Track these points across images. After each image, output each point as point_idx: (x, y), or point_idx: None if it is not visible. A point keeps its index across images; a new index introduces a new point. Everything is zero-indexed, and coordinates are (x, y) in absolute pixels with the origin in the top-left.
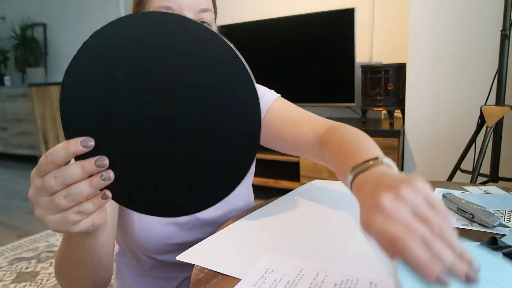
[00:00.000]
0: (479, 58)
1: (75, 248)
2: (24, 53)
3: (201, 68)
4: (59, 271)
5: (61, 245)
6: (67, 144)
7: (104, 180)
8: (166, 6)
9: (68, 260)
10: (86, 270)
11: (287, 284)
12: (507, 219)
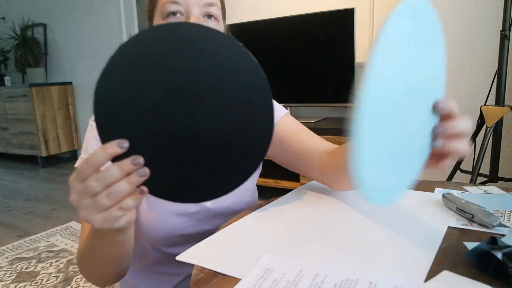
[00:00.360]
0: (479, 58)
1: (105, 244)
2: (24, 53)
3: (226, 78)
4: (83, 263)
5: (86, 240)
6: (105, 147)
7: (141, 177)
8: (173, 0)
9: (95, 254)
10: (113, 263)
11: (287, 284)
12: (506, 219)
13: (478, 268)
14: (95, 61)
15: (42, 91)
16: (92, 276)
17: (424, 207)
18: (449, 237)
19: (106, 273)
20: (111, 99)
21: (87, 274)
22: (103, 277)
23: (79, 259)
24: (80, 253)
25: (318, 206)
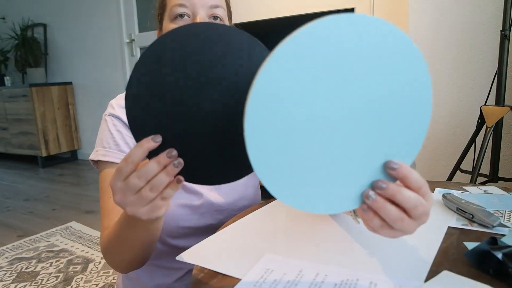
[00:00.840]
0: (479, 58)
1: (140, 233)
2: (25, 53)
3: (242, 68)
4: (111, 252)
5: (115, 231)
6: (141, 144)
7: (177, 167)
8: (180, 3)
9: (128, 243)
10: (144, 249)
11: (287, 284)
12: (506, 219)
13: (478, 268)
14: (95, 61)
15: (42, 91)
16: (122, 262)
17: None
18: (449, 237)
19: (136, 258)
20: (140, 99)
21: (116, 260)
22: (132, 261)
23: (107, 249)
24: (107, 243)
25: None
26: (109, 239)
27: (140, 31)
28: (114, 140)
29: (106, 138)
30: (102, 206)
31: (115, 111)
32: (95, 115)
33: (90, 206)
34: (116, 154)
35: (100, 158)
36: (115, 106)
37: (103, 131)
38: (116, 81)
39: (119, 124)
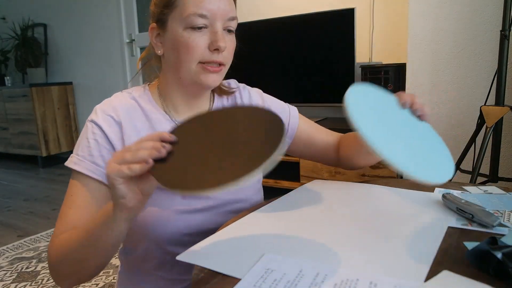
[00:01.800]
0: (479, 58)
1: (108, 233)
2: (25, 53)
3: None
4: (67, 257)
5: (83, 234)
6: (163, 136)
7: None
8: (201, 14)
9: (93, 245)
10: (103, 254)
11: (287, 284)
12: (506, 219)
13: (478, 268)
14: (95, 61)
15: (42, 91)
16: (75, 271)
17: (424, 207)
18: (449, 237)
19: (96, 265)
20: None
21: (71, 268)
22: (89, 270)
23: (63, 255)
24: (66, 249)
25: (318, 206)
26: (70, 245)
27: (140, 31)
28: (89, 150)
29: (82, 145)
30: (61, 213)
31: (97, 118)
32: None
33: None
34: (87, 165)
35: (71, 166)
36: (98, 112)
37: (82, 137)
38: (116, 81)
39: (99, 133)
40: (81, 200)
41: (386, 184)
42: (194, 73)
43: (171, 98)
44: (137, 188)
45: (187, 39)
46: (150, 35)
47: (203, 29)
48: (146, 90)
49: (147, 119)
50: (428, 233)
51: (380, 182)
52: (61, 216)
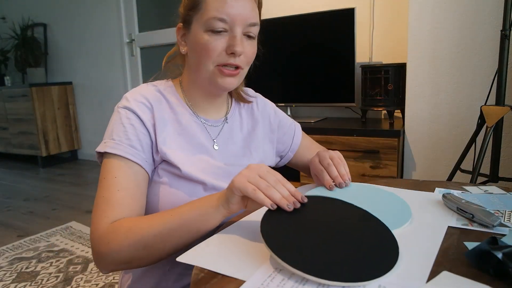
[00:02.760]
0: (479, 58)
1: (203, 223)
2: (25, 53)
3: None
4: (156, 241)
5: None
6: (296, 195)
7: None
8: (221, 18)
9: (186, 229)
10: (189, 241)
11: (294, 284)
12: (507, 219)
13: (478, 268)
14: (95, 61)
15: (42, 91)
16: (145, 254)
17: (424, 207)
18: (449, 237)
19: (172, 249)
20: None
21: (136, 254)
22: (161, 254)
23: (130, 240)
24: (138, 234)
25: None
26: (148, 230)
27: (140, 31)
28: (126, 134)
29: (117, 130)
30: (107, 196)
31: (130, 104)
32: (95, 115)
33: (90, 206)
34: (126, 149)
35: (109, 150)
36: (130, 99)
37: (115, 123)
38: (116, 81)
39: (133, 118)
40: (126, 182)
41: (386, 184)
42: (211, 75)
43: (192, 95)
44: (247, 202)
45: (206, 41)
46: (177, 34)
47: (223, 32)
48: (170, 84)
49: (172, 111)
50: (428, 233)
51: (380, 182)
52: (108, 200)
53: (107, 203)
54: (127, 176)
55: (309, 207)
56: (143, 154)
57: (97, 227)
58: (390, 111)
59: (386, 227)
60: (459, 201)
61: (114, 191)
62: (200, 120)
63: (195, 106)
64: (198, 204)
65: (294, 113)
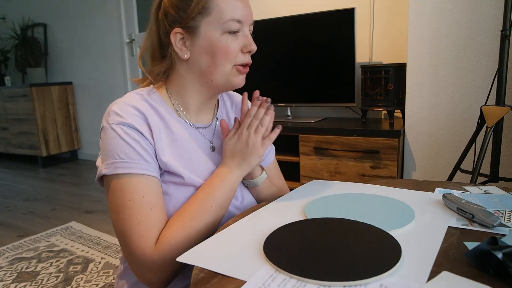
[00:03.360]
0: (479, 58)
1: (232, 193)
2: (25, 53)
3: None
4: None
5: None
6: (270, 112)
7: (270, 108)
8: (238, 19)
9: (217, 204)
10: (225, 209)
11: (296, 284)
12: (507, 219)
13: (478, 268)
14: (95, 61)
15: (42, 91)
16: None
17: (424, 207)
18: (449, 237)
19: (222, 218)
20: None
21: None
22: (217, 224)
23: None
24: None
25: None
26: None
27: (140, 31)
28: (134, 150)
29: (121, 149)
30: (141, 218)
31: (123, 119)
32: (95, 115)
33: (90, 206)
34: (140, 165)
35: (122, 171)
36: (122, 114)
37: (113, 142)
38: (116, 81)
39: (133, 133)
40: (155, 199)
41: (386, 184)
42: (228, 75)
43: (185, 100)
44: None
45: (225, 43)
46: (173, 40)
47: (236, 33)
48: (153, 91)
49: (161, 120)
50: (429, 233)
51: (380, 182)
52: (145, 222)
53: (145, 225)
54: (153, 192)
55: (312, 228)
56: (155, 165)
57: (145, 251)
58: (390, 111)
59: (388, 233)
60: (459, 201)
61: (147, 210)
62: (192, 126)
63: (186, 112)
64: (221, 183)
65: (294, 113)
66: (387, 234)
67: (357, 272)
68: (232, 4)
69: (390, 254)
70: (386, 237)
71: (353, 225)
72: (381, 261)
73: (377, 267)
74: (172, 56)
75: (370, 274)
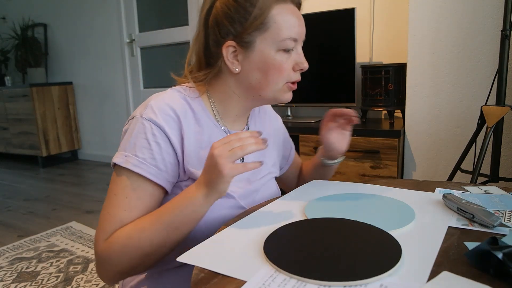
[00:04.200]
0: (479, 58)
1: (193, 218)
2: (25, 53)
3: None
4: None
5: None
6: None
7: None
8: (294, 38)
9: (179, 224)
10: (189, 230)
11: (296, 284)
12: (507, 219)
13: (478, 268)
14: (95, 61)
15: (42, 91)
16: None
17: (424, 207)
18: (449, 237)
19: (176, 241)
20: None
21: (131, 263)
22: (156, 256)
23: (124, 250)
24: (130, 244)
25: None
26: (138, 239)
27: (140, 31)
28: (151, 153)
29: (141, 146)
30: (113, 213)
31: (157, 118)
32: (95, 115)
33: (90, 206)
34: (150, 169)
35: (131, 167)
36: (157, 111)
37: (138, 136)
38: (116, 81)
39: (159, 135)
40: (138, 203)
41: (386, 184)
42: (278, 91)
43: (224, 108)
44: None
45: (279, 61)
46: (225, 53)
47: (290, 51)
48: (194, 91)
49: (197, 123)
50: (429, 233)
51: (380, 182)
52: (113, 217)
53: (109, 221)
54: (140, 198)
55: (312, 228)
56: (166, 174)
57: (98, 243)
58: (390, 111)
59: (388, 233)
60: (460, 201)
61: (119, 210)
62: (228, 133)
63: (224, 119)
64: (181, 203)
65: (294, 113)
66: (387, 234)
67: (357, 272)
68: (291, 22)
69: (390, 254)
70: (386, 237)
71: (353, 225)
72: (381, 261)
73: (377, 267)
74: (220, 66)
75: (370, 274)
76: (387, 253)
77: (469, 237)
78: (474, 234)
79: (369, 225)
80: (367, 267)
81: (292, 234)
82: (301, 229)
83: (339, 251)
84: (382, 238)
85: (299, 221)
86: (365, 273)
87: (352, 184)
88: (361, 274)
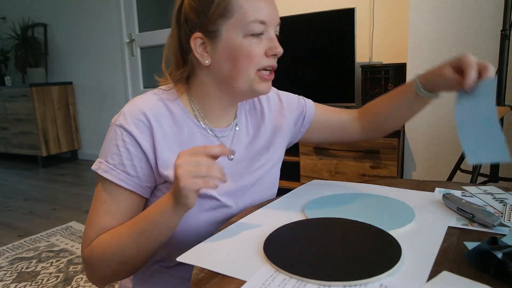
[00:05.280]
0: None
1: (163, 230)
2: (25, 53)
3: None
4: (114, 254)
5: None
6: (223, 151)
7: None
8: (261, 20)
9: (143, 240)
10: (152, 250)
11: (296, 284)
12: (506, 219)
13: (478, 268)
14: (95, 61)
15: (42, 91)
16: (119, 269)
17: (424, 207)
18: (449, 237)
19: (140, 260)
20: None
21: (112, 269)
22: (132, 264)
23: (104, 257)
24: (108, 251)
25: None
26: (116, 246)
27: (140, 31)
28: (120, 159)
29: (112, 153)
30: (94, 219)
31: (127, 124)
32: (95, 115)
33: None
34: (119, 175)
35: (102, 173)
36: (127, 117)
37: (111, 143)
38: (116, 81)
39: (129, 141)
40: (115, 208)
41: (386, 184)
42: (252, 82)
43: (205, 107)
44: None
45: (248, 47)
46: (193, 45)
47: (260, 35)
48: (173, 92)
49: (174, 124)
50: (429, 233)
51: (380, 182)
52: (94, 223)
53: (92, 226)
54: (117, 203)
55: (312, 228)
56: (137, 180)
57: (82, 248)
58: None
59: (388, 233)
60: (459, 201)
61: (100, 215)
62: (210, 132)
63: (207, 119)
64: (151, 214)
65: None
66: (387, 234)
67: (357, 272)
68: (255, 4)
69: (390, 254)
70: (386, 237)
71: (353, 225)
72: (381, 261)
73: (377, 267)
74: (193, 62)
75: (370, 274)
76: (387, 253)
77: (469, 237)
78: (474, 234)
79: (369, 225)
80: (367, 267)
81: (292, 234)
82: (301, 229)
83: (339, 251)
84: (382, 238)
85: (299, 221)
86: (365, 273)
87: (352, 184)
88: (361, 274)
